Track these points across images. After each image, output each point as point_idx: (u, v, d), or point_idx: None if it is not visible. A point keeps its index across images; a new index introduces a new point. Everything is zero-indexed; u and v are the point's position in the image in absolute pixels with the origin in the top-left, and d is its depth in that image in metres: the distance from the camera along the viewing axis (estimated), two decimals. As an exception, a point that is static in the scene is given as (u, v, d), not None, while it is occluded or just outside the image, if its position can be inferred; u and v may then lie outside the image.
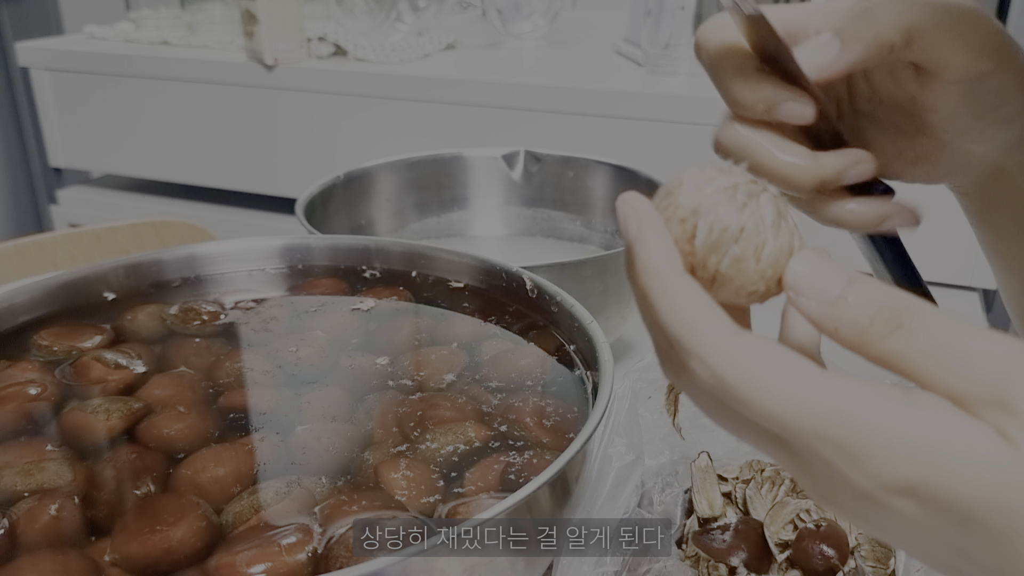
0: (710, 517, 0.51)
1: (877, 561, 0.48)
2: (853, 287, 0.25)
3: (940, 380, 0.24)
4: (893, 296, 0.25)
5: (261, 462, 0.43)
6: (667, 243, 0.26)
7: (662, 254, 0.26)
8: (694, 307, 0.25)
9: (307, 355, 0.52)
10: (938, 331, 0.24)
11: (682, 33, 1.06)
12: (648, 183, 0.80)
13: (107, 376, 0.49)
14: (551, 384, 0.49)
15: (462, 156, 0.88)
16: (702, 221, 0.26)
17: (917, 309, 0.24)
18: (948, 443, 0.23)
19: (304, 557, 0.36)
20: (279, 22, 1.12)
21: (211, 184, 1.28)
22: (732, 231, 0.26)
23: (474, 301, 0.57)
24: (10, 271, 0.94)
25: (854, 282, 0.25)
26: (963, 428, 0.23)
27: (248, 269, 0.61)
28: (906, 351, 0.24)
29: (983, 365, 0.23)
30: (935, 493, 0.23)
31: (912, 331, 0.24)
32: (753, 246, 0.26)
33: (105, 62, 1.26)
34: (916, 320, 0.24)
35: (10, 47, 2.13)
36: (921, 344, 0.24)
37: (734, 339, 0.25)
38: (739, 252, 0.26)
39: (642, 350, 0.78)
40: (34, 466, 0.41)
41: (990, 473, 0.23)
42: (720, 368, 0.25)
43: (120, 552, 0.37)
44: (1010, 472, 0.23)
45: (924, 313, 0.24)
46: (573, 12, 1.41)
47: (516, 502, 0.34)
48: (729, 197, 0.27)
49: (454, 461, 0.43)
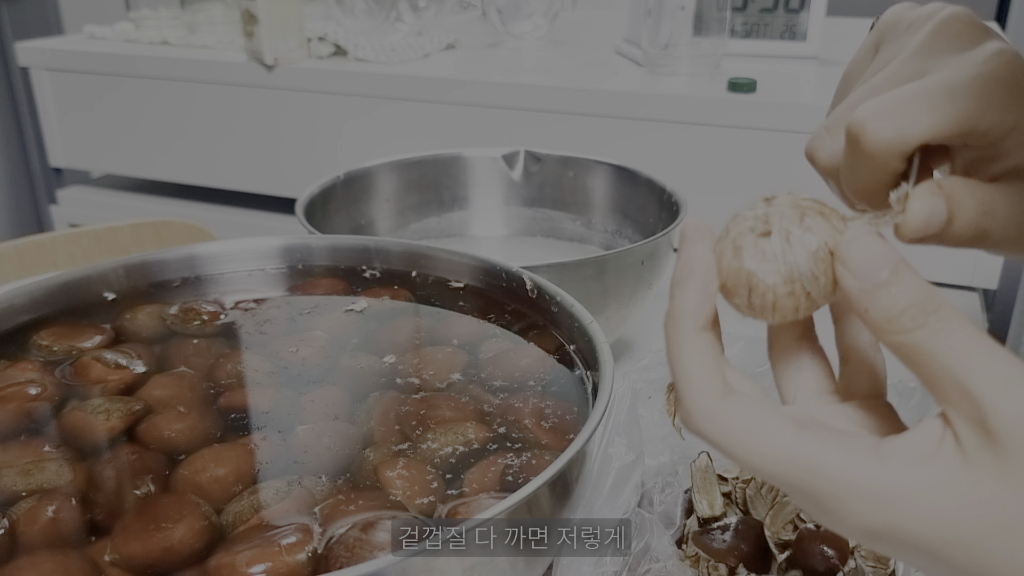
0: (710, 517, 0.51)
1: (877, 561, 0.48)
2: (898, 276, 0.26)
3: (939, 389, 0.26)
4: (929, 294, 0.26)
5: (261, 462, 0.43)
6: (701, 295, 0.28)
7: (691, 306, 0.28)
8: (694, 364, 0.28)
9: (307, 355, 0.52)
10: (955, 340, 0.25)
11: (682, 33, 1.06)
12: (648, 183, 0.80)
13: (107, 376, 0.49)
14: (551, 384, 0.49)
15: (462, 156, 0.88)
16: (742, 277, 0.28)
17: (946, 313, 0.25)
18: (912, 491, 0.25)
19: (304, 557, 0.36)
20: (279, 22, 1.12)
21: (211, 184, 1.28)
22: (762, 288, 0.28)
23: (474, 301, 0.57)
24: (10, 271, 0.94)
25: (899, 271, 0.26)
26: (926, 475, 0.25)
27: (248, 269, 0.61)
28: (920, 350, 0.25)
29: (981, 385, 0.25)
30: (903, 537, 0.25)
31: (933, 332, 0.25)
32: (784, 292, 0.28)
33: (105, 62, 1.26)
34: (941, 323, 0.25)
35: (10, 47, 2.13)
36: (935, 347, 0.25)
37: (719, 401, 0.27)
38: (772, 300, 0.28)
39: (642, 350, 0.78)
40: (34, 466, 0.41)
41: (951, 514, 0.25)
42: (701, 427, 0.27)
43: (120, 552, 0.37)
44: (970, 510, 0.25)
45: (951, 319, 0.25)
46: (573, 12, 1.41)
47: (516, 502, 0.34)
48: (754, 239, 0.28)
49: (454, 461, 0.43)
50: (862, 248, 0.27)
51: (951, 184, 0.33)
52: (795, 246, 0.28)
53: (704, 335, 0.28)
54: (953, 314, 0.26)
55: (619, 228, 0.85)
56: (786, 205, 0.29)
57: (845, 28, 1.43)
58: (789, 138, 0.93)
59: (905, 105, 0.32)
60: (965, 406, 0.25)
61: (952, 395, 0.25)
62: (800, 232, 0.28)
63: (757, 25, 1.16)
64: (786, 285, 0.28)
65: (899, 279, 0.26)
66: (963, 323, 0.26)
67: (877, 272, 0.26)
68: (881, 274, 0.26)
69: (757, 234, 0.28)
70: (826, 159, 0.38)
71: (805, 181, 0.95)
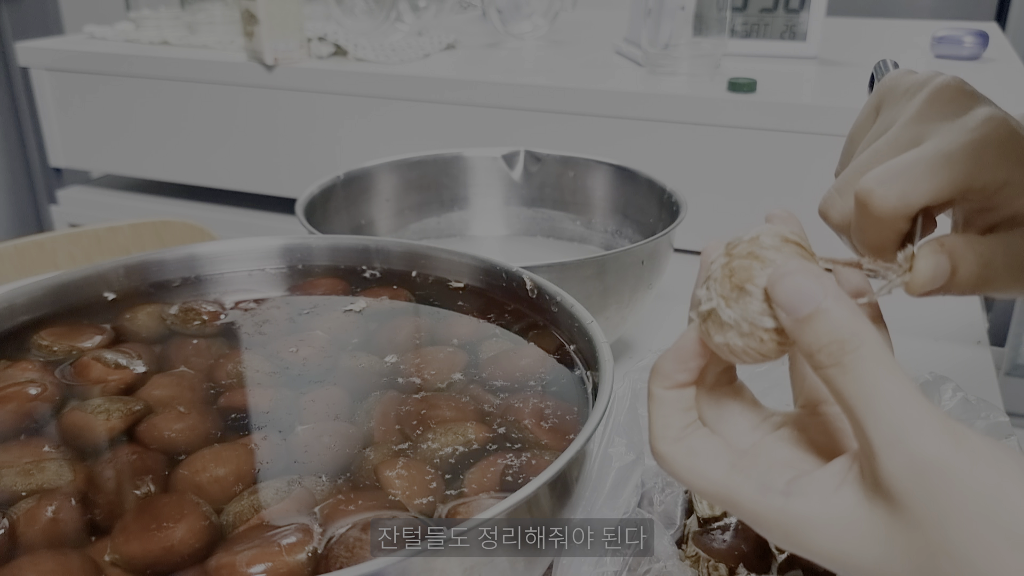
0: (710, 517, 0.51)
1: (877, 561, 0.47)
2: (821, 313, 0.28)
3: (852, 424, 0.28)
4: (852, 332, 0.28)
5: (261, 462, 0.43)
6: (675, 365, 0.33)
7: (664, 370, 0.33)
8: (655, 414, 0.33)
9: (307, 355, 0.52)
10: (864, 383, 0.28)
11: (682, 33, 1.06)
12: (648, 183, 0.80)
13: (107, 376, 0.49)
14: (551, 384, 0.49)
15: (462, 156, 0.88)
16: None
17: (864, 354, 0.28)
18: (812, 522, 0.29)
19: (304, 557, 0.36)
20: (279, 22, 1.12)
21: (211, 184, 1.28)
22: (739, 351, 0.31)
23: (474, 301, 0.57)
24: (10, 271, 0.94)
25: (824, 308, 0.28)
26: (826, 508, 0.29)
27: (248, 269, 0.61)
28: (833, 386, 0.28)
29: (875, 433, 0.27)
30: (819, 559, 0.29)
31: (844, 371, 0.28)
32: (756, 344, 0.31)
33: (105, 62, 1.26)
34: (855, 363, 0.28)
35: (10, 47, 2.13)
36: (844, 387, 0.28)
37: (670, 445, 0.33)
38: (755, 353, 0.31)
39: (642, 350, 0.78)
40: (34, 466, 0.41)
41: (850, 544, 0.28)
42: (658, 462, 0.33)
43: (120, 552, 0.37)
44: (866, 543, 0.28)
45: (866, 361, 0.28)
46: (573, 12, 1.40)
47: (516, 502, 0.34)
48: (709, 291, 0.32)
49: (454, 461, 0.43)
50: (787, 286, 0.29)
51: (952, 241, 0.37)
52: (738, 309, 0.30)
53: (669, 392, 0.33)
54: (871, 356, 0.28)
55: (619, 228, 0.85)
56: (719, 270, 0.32)
57: (845, 28, 1.43)
58: (789, 138, 0.93)
59: (907, 173, 0.36)
60: (863, 449, 0.28)
61: (856, 435, 0.28)
62: (736, 296, 0.30)
63: (757, 25, 1.16)
64: (753, 339, 0.30)
65: (822, 316, 0.28)
66: (879, 366, 0.28)
67: (801, 308, 0.28)
68: (804, 310, 0.28)
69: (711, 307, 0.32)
70: (838, 218, 0.41)
71: (805, 181, 0.96)
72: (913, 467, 0.26)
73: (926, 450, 0.26)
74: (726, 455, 0.32)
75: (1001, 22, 1.98)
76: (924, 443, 0.26)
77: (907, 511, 0.27)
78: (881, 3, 2.03)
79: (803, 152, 0.93)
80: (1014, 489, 0.26)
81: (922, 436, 0.27)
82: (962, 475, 0.26)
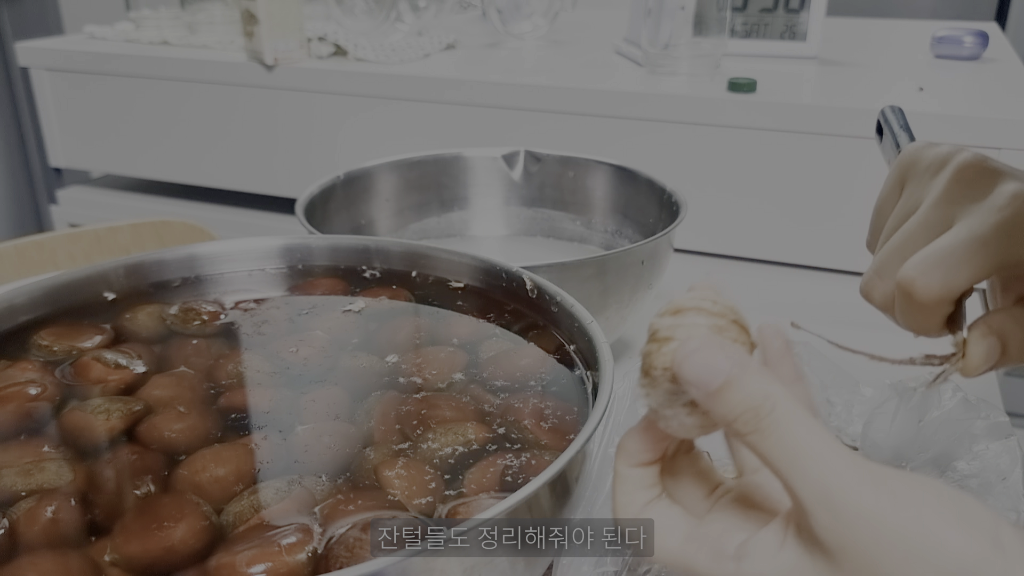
0: (710, 517, 0.51)
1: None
2: (730, 386, 0.29)
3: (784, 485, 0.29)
4: (763, 398, 0.29)
5: (261, 462, 0.43)
6: (642, 441, 0.34)
7: (631, 445, 0.34)
8: (619, 488, 0.35)
9: (307, 355, 0.52)
10: (785, 444, 0.29)
11: (682, 33, 1.06)
12: (648, 183, 0.80)
13: (107, 376, 0.49)
14: (551, 384, 0.49)
15: (462, 156, 0.88)
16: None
17: (779, 417, 0.29)
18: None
19: (304, 557, 0.36)
20: (279, 22, 1.12)
21: (211, 184, 1.28)
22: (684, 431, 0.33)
23: (474, 301, 0.57)
24: (10, 271, 0.94)
25: (732, 380, 0.29)
26: (776, 564, 0.30)
27: (248, 269, 0.61)
28: (757, 451, 0.29)
29: (803, 491, 0.28)
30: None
31: (764, 437, 0.29)
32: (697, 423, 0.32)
33: (105, 62, 1.26)
34: (772, 427, 0.29)
35: (10, 47, 2.13)
36: (767, 451, 0.29)
37: (633, 515, 0.34)
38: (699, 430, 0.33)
39: (642, 350, 0.78)
40: (34, 466, 0.41)
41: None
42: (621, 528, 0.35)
43: (120, 552, 0.37)
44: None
45: (783, 422, 0.29)
46: (573, 12, 1.40)
47: (516, 502, 0.34)
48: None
49: (454, 461, 0.43)
50: (693, 364, 0.30)
51: (999, 321, 0.39)
52: (655, 396, 0.32)
53: (633, 471, 0.34)
54: (786, 417, 0.29)
55: (619, 228, 0.85)
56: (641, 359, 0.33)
57: (845, 28, 1.43)
58: (789, 138, 0.93)
59: (946, 261, 0.38)
60: (795, 507, 0.29)
61: (788, 493, 0.29)
62: (650, 383, 0.32)
63: (757, 25, 1.16)
64: (677, 419, 0.32)
65: (731, 388, 0.29)
66: (796, 425, 0.29)
67: (709, 384, 0.29)
68: (712, 385, 0.29)
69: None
70: (880, 300, 0.44)
71: (804, 181, 0.96)
72: (840, 520, 0.27)
73: (849, 501, 0.27)
74: (682, 526, 0.33)
75: (1001, 22, 1.98)
76: (847, 494, 0.27)
77: (845, 561, 0.28)
78: (881, 3, 2.03)
79: (803, 152, 0.93)
80: (934, 522, 0.27)
81: (844, 487, 0.28)
82: (885, 519, 0.27)
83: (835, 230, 0.93)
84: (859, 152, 0.90)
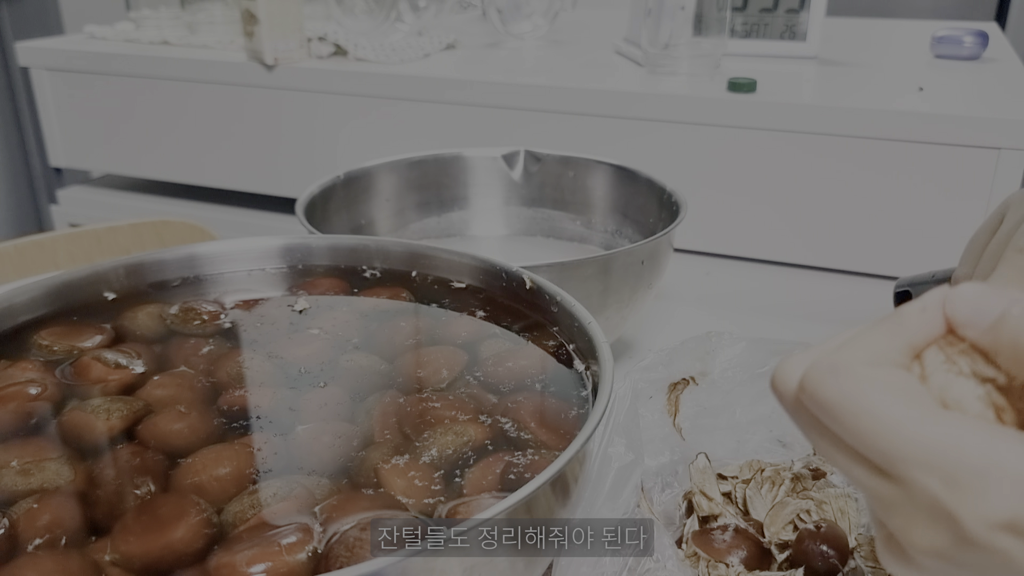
0: (710, 517, 0.51)
1: (877, 562, 0.48)
2: (1014, 305, 0.25)
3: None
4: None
5: (261, 462, 0.43)
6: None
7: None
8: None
9: (307, 354, 0.52)
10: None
11: (682, 33, 1.06)
12: (648, 183, 0.80)
13: (107, 376, 0.49)
14: (551, 384, 0.49)
15: (462, 156, 0.88)
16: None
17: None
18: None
19: (304, 557, 0.36)
20: (279, 22, 1.12)
21: (211, 184, 1.28)
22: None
23: (474, 301, 0.57)
24: (10, 271, 0.94)
25: (1015, 301, 0.25)
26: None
27: (248, 269, 0.61)
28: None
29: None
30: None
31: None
32: None
33: (105, 62, 1.26)
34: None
35: (10, 47, 2.13)
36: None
37: (870, 368, 0.26)
38: None
39: (642, 350, 0.78)
40: (34, 466, 0.41)
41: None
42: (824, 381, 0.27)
43: (120, 552, 0.37)
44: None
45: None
46: (573, 12, 1.40)
47: (516, 502, 0.34)
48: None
49: (454, 461, 0.43)
50: (966, 302, 0.27)
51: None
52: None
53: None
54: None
55: (619, 228, 0.85)
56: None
57: (845, 28, 1.43)
58: (789, 138, 0.93)
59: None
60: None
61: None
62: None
63: (757, 25, 1.16)
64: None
65: (1016, 306, 0.26)
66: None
67: (988, 314, 0.26)
68: (992, 313, 0.26)
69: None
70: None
71: (804, 181, 0.96)
72: None
73: None
74: (923, 392, 0.27)
75: (1001, 22, 1.98)
76: None
77: None
78: (881, 3, 2.03)
79: (803, 152, 0.93)
80: None
81: None
82: None
83: (835, 230, 0.93)
84: (859, 152, 0.90)
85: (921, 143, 0.88)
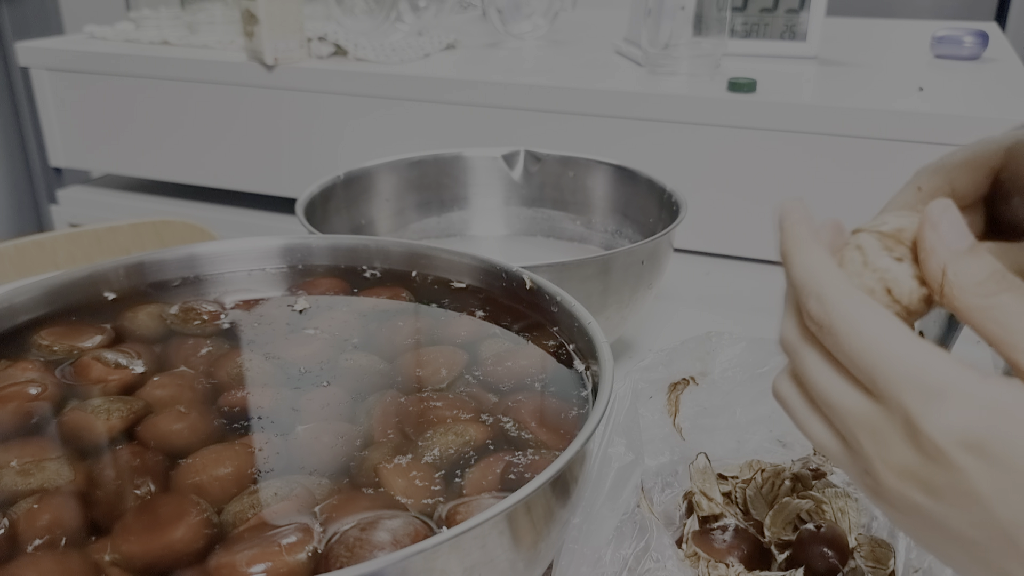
0: (710, 517, 0.51)
1: (877, 562, 0.48)
2: (976, 249, 0.29)
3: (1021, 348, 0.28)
4: (1002, 267, 0.29)
5: (261, 462, 0.43)
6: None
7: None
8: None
9: (307, 354, 0.52)
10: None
11: (682, 33, 1.06)
12: (648, 183, 0.80)
13: (107, 376, 0.49)
14: (551, 384, 0.49)
15: (462, 156, 0.88)
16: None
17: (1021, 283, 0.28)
18: (1020, 406, 0.27)
19: (304, 557, 0.36)
20: (279, 22, 1.12)
21: (211, 184, 1.28)
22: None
23: (474, 301, 0.57)
24: (10, 271, 0.94)
25: (976, 246, 0.29)
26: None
27: (248, 269, 0.61)
28: (1006, 311, 0.28)
29: None
30: (1001, 452, 0.27)
31: (1020, 294, 0.28)
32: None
33: (105, 62, 1.26)
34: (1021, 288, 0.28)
35: (10, 47, 2.13)
36: (1020, 307, 0.28)
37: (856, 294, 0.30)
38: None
39: (642, 350, 0.78)
40: (34, 466, 0.41)
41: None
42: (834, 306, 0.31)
43: (120, 552, 0.37)
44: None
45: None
46: (573, 12, 1.40)
47: (516, 502, 0.34)
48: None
49: (454, 461, 0.43)
50: (949, 218, 0.30)
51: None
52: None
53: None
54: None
55: (619, 228, 0.85)
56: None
57: (845, 28, 1.43)
58: (789, 138, 0.93)
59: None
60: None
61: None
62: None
63: (757, 25, 1.16)
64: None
65: (977, 250, 0.29)
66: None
67: (962, 240, 0.30)
68: (964, 243, 0.30)
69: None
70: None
71: (804, 181, 0.96)
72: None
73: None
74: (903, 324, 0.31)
75: (1001, 22, 1.98)
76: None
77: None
78: (881, 3, 2.03)
79: (803, 152, 0.93)
80: None
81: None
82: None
83: (835, 230, 0.93)
84: (859, 152, 0.90)
85: (921, 143, 0.88)
